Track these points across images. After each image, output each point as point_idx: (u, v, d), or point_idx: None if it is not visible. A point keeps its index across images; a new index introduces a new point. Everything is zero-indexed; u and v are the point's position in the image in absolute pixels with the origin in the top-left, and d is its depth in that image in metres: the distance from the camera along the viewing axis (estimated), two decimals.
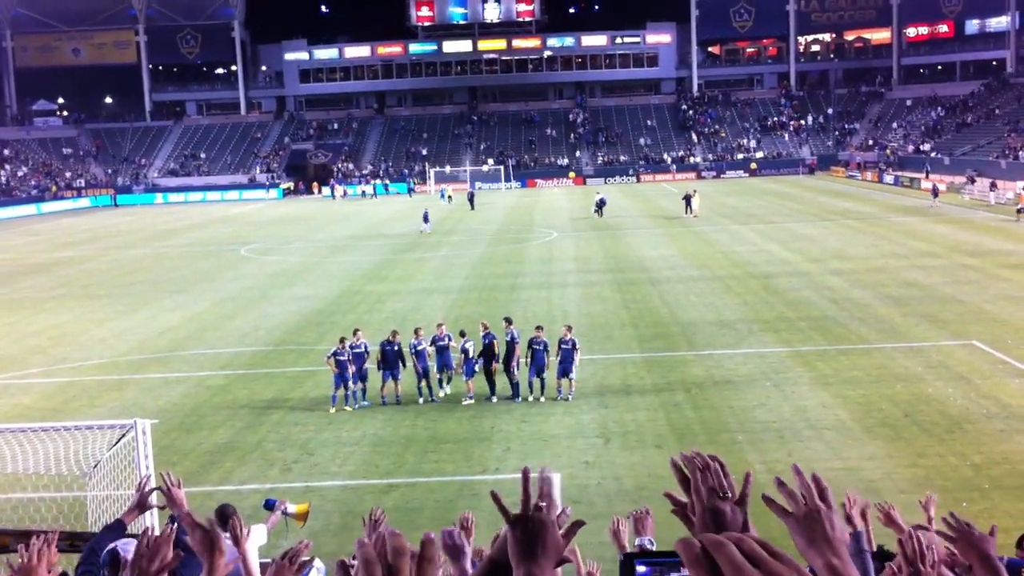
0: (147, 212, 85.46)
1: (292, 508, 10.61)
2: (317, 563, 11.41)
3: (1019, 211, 51.57)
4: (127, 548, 6.17)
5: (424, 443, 19.23)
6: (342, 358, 21.37)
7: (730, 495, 2.27)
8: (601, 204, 63.00)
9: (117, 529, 7.06)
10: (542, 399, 21.56)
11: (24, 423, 15.88)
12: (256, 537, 10.30)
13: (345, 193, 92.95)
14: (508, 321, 22.93)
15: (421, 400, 21.83)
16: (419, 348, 21.75)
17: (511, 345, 21.91)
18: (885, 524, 6.04)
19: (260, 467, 18.21)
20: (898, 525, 5.82)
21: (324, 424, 20.68)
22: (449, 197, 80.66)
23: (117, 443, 11.87)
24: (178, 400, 22.93)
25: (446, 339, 22.01)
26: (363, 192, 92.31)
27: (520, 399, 21.65)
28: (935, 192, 62.22)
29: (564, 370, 21.51)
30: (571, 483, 16.62)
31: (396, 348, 21.80)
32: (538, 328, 22.35)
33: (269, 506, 10.55)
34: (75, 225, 73.84)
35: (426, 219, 57.35)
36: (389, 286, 38.47)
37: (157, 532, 3.62)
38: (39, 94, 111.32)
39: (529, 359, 21.79)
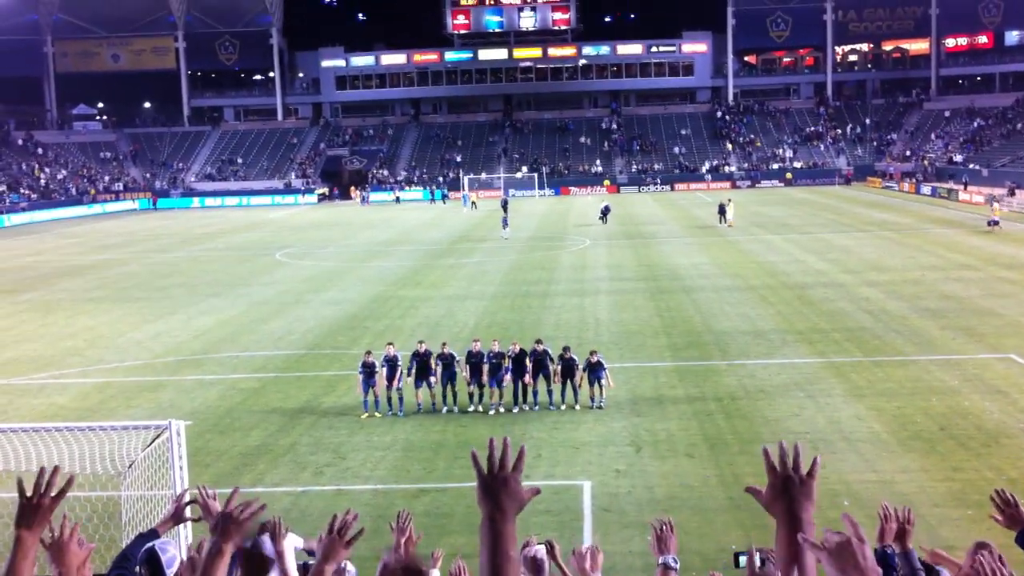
0: (184, 216, 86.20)
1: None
2: (349, 566, 11.45)
3: (991, 223, 52.70)
4: (164, 547, 6.21)
5: (454, 448, 19.23)
6: (368, 370, 21.46)
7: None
8: (606, 212, 63.03)
9: (150, 537, 7.13)
10: (576, 407, 21.45)
11: (60, 422, 16.03)
12: (292, 541, 10.39)
13: (364, 199, 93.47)
14: (539, 342, 22.62)
15: (445, 409, 21.78)
16: (446, 362, 21.72)
17: (542, 361, 21.72)
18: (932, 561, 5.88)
19: (292, 470, 18.29)
20: (950, 561, 5.69)
21: (356, 428, 20.75)
22: (473, 204, 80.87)
23: (151, 443, 11.96)
24: (212, 402, 23.09)
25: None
26: (433, 198, 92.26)
27: (553, 407, 21.60)
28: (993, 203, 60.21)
29: (596, 378, 21.43)
30: (602, 491, 16.57)
31: (424, 357, 21.78)
32: (565, 349, 22.13)
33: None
34: (113, 228, 74.59)
35: (505, 224, 57.09)
36: (422, 292, 38.57)
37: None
38: (79, 99, 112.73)
39: (531, 368, 21.70)
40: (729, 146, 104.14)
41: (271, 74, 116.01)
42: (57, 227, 77.17)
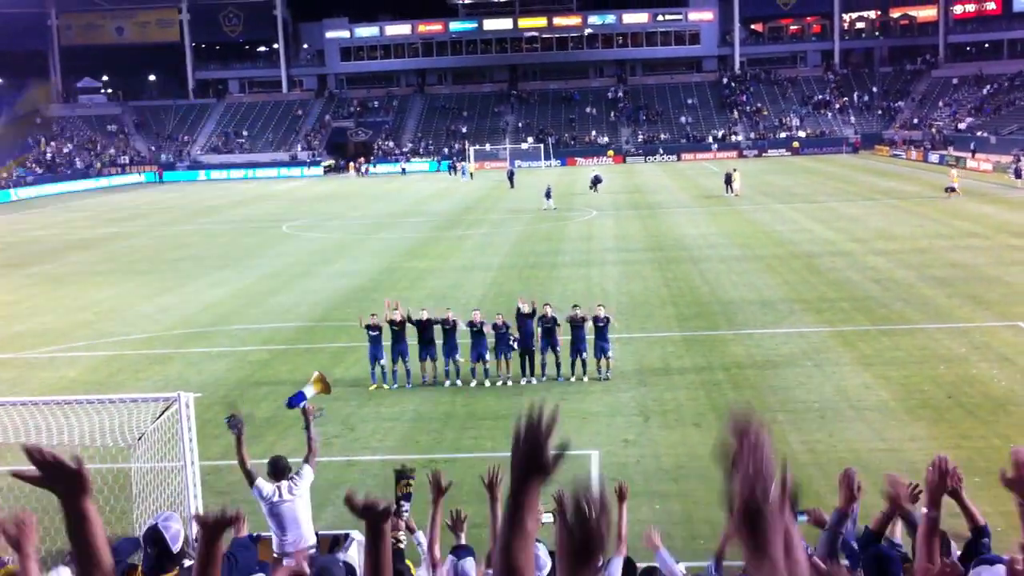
0: (190, 189, 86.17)
1: (311, 391, 10.74)
2: (357, 535, 11.53)
3: (948, 189, 53.08)
4: (168, 525, 6.24)
5: (463, 419, 19.30)
6: (374, 334, 21.48)
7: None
8: (596, 181, 62.69)
9: (133, 542, 7.23)
10: (585, 379, 21.47)
11: (70, 395, 16.09)
12: (306, 477, 10.75)
13: (360, 170, 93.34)
14: (547, 306, 22.64)
15: (448, 383, 21.69)
16: (447, 328, 21.64)
17: (551, 330, 21.70)
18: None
19: (301, 441, 18.10)
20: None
21: (364, 399, 20.83)
22: (470, 175, 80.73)
23: (161, 416, 12.02)
24: (221, 374, 23.17)
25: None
26: (453, 170, 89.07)
27: (562, 379, 21.62)
28: (1018, 173, 58.34)
29: (602, 348, 21.41)
30: (610, 461, 16.62)
31: (427, 325, 21.72)
32: (574, 307, 22.23)
33: (293, 404, 10.75)
34: (120, 201, 74.62)
35: (548, 195, 56.22)
36: (429, 263, 38.58)
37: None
38: (84, 72, 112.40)
39: (540, 336, 21.64)
40: (736, 115, 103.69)
41: (275, 46, 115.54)
42: (64, 201, 77.19)
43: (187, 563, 6.11)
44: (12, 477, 2.76)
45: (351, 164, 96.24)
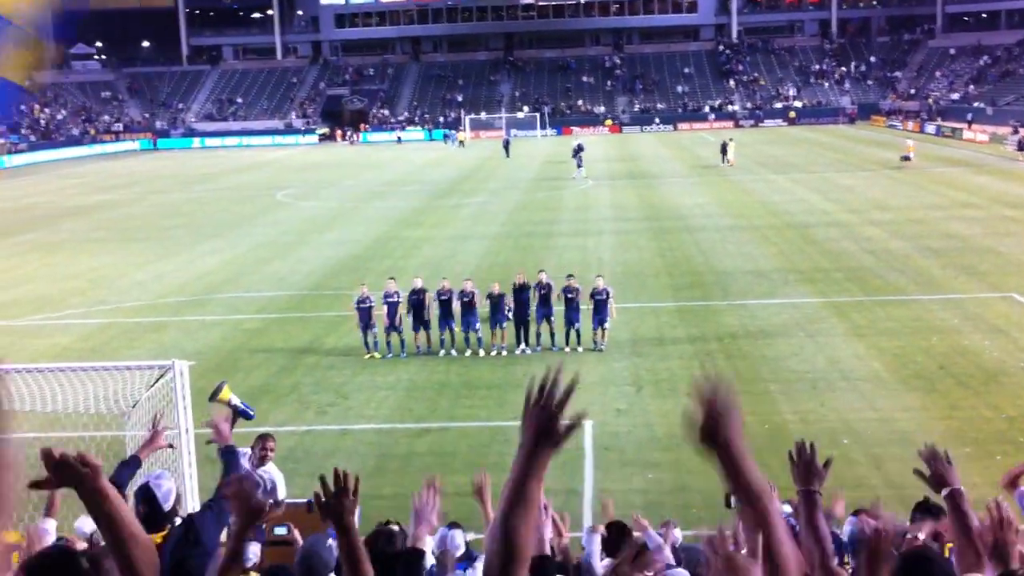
0: (184, 156, 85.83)
1: (234, 399, 10.40)
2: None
3: (903, 158, 54.48)
4: (159, 483, 6.26)
5: (457, 388, 19.35)
6: (364, 306, 21.46)
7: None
8: (579, 149, 62.18)
9: (133, 464, 7.27)
10: (579, 349, 21.48)
11: (63, 363, 16.09)
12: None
13: (349, 139, 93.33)
14: (542, 272, 22.60)
15: (443, 352, 21.63)
16: (443, 298, 21.63)
17: (547, 297, 21.66)
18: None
19: (296, 410, 18.42)
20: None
21: (359, 368, 20.85)
22: (461, 143, 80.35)
23: (155, 384, 12.01)
24: (215, 342, 23.18)
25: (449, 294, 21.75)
26: (450, 140, 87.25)
27: (556, 348, 21.64)
28: (1020, 146, 57.40)
29: (599, 320, 21.41)
30: (603, 430, 16.67)
31: (421, 297, 21.72)
32: (569, 276, 22.20)
33: (249, 415, 10.32)
34: (115, 169, 74.33)
35: (579, 164, 55.32)
36: (424, 232, 38.52)
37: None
38: (77, 38, 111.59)
39: (536, 304, 21.57)
40: (732, 85, 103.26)
41: (270, 12, 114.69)
42: (58, 168, 76.89)
43: (177, 521, 6.14)
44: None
45: (340, 133, 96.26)
